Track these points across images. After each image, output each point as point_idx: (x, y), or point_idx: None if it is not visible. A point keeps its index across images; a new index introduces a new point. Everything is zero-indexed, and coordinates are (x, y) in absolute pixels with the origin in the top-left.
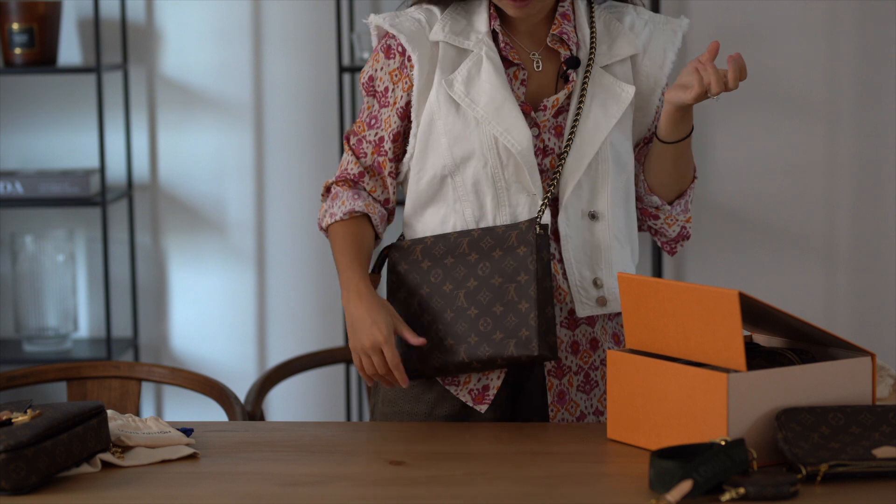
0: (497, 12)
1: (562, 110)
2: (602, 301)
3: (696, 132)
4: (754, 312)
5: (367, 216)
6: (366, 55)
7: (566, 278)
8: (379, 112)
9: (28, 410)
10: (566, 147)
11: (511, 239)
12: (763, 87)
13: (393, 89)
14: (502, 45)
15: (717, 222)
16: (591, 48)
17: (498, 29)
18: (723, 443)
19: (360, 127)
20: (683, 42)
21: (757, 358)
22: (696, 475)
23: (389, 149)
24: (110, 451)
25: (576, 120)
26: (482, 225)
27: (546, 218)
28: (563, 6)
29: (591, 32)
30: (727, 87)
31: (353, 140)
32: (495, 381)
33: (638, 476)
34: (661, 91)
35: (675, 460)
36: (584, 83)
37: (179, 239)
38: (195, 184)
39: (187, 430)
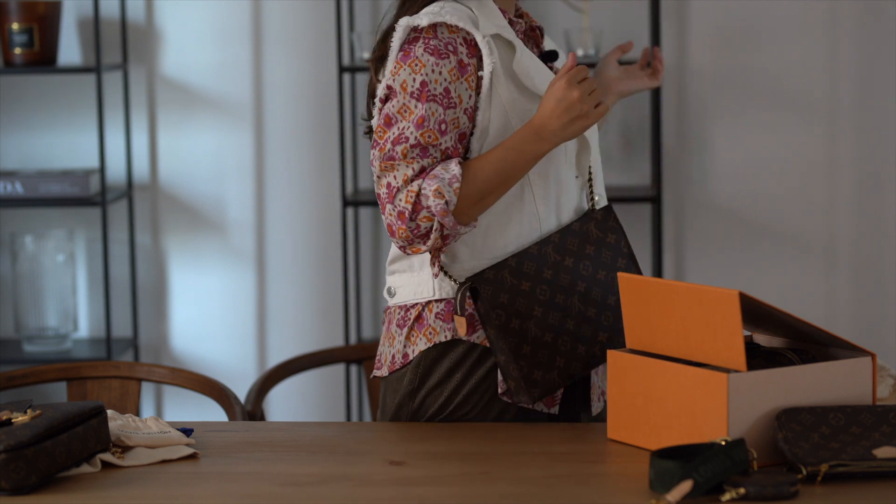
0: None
1: None
2: None
3: (696, 132)
4: (754, 312)
5: None
6: (366, 55)
7: None
8: (444, 114)
9: (28, 410)
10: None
11: (592, 231)
12: (763, 87)
13: (455, 88)
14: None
15: (717, 222)
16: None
17: (514, 19)
18: (723, 443)
19: (429, 136)
20: (688, 45)
21: (757, 358)
22: (696, 475)
23: (461, 151)
24: (110, 451)
25: None
26: (551, 220)
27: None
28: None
29: None
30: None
31: (414, 153)
32: None
33: (638, 476)
34: None
35: (675, 460)
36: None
37: (179, 239)
38: (195, 184)
39: (187, 430)
